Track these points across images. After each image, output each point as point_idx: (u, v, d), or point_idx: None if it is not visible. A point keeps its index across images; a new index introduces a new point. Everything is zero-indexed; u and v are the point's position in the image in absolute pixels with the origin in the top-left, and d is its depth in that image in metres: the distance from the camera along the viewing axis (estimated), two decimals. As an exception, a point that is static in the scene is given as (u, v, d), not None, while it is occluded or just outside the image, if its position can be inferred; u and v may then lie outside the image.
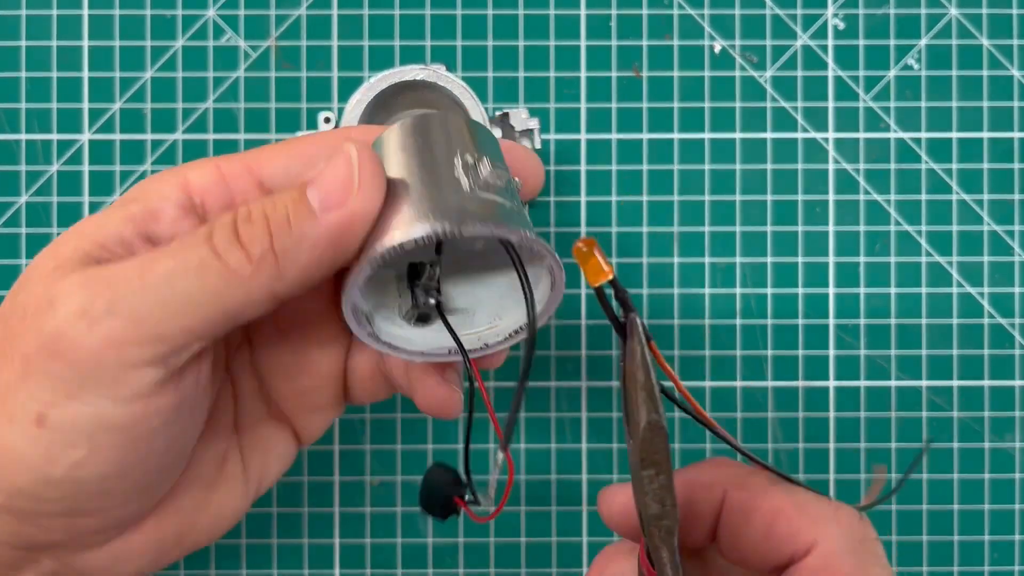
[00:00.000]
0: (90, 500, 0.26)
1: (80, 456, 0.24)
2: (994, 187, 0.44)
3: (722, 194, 0.44)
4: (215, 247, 0.24)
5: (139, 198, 0.27)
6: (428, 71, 0.39)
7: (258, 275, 0.24)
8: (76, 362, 0.23)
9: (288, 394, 0.32)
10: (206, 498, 0.31)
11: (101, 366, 0.23)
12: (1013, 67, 0.44)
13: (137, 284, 0.24)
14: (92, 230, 0.26)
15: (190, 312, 0.24)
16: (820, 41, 0.44)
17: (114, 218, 0.26)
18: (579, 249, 0.24)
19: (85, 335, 0.23)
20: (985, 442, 0.44)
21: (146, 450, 0.25)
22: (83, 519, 0.26)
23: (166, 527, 0.30)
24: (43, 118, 0.44)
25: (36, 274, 0.25)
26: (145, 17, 0.44)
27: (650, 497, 0.25)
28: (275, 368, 0.32)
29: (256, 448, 0.32)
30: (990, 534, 0.44)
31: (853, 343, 0.44)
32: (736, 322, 0.44)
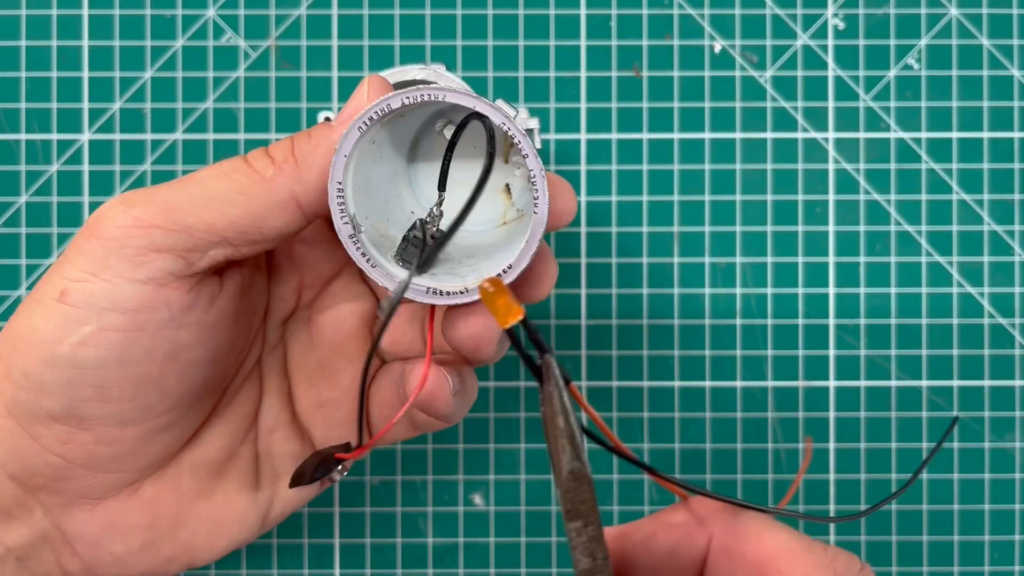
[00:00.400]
0: (88, 396, 0.26)
1: (87, 332, 0.25)
2: (994, 187, 0.44)
3: (722, 194, 0.44)
4: (247, 158, 0.27)
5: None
6: (428, 71, 0.39)
7: (280, 175, 0.27)
8: (107, 239, 0.26)
9: (309, 403, 0.33)
10: (210, 486, 0.31)
11: (126, 244, 0.25)
12: (1013, 67, 0.44)
13: (175, 184, 0.27)
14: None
15: (216, 208, 0.26)
16: (820, 41, 0.44)
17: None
18: (485, 290, 0.24)
19: (120, 215, 0.26)
20: (985, 442, 0.44)
21: (148, 345, 0.26)
22: (77, 434, 0.27)
23: (162, 503, 0.30)
24: (43, 118, 0.44)
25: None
26: (145, 17, 0.44)
27: (579, 551, 0.23)
28: (301, 372, 0.33)
29: (272, 455, 0.33)
30: (990, 534, 0.44)
31: (853, 343, 0.44)
32: (736, 322, 0.44)
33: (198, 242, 0.26)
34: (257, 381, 0.33)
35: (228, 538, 0.32)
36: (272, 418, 0.33)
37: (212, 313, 0.28)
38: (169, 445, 0.30)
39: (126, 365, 0.26)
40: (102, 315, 0.26)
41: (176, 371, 0.28)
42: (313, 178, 0.27)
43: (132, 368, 0.26)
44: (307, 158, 0.27)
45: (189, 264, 0.26)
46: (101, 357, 0.26)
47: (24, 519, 0.28)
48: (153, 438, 0.29)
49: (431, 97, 0.26)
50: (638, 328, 0.44)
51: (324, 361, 0.33)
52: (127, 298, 0.26)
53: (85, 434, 0.27)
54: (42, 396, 0.26)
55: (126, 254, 0.26)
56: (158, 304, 0.26)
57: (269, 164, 0.27)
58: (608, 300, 0.44)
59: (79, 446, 0.27)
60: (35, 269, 0.44)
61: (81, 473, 0.28)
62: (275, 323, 0.33)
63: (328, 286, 0.33)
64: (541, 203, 0.26)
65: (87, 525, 0.29)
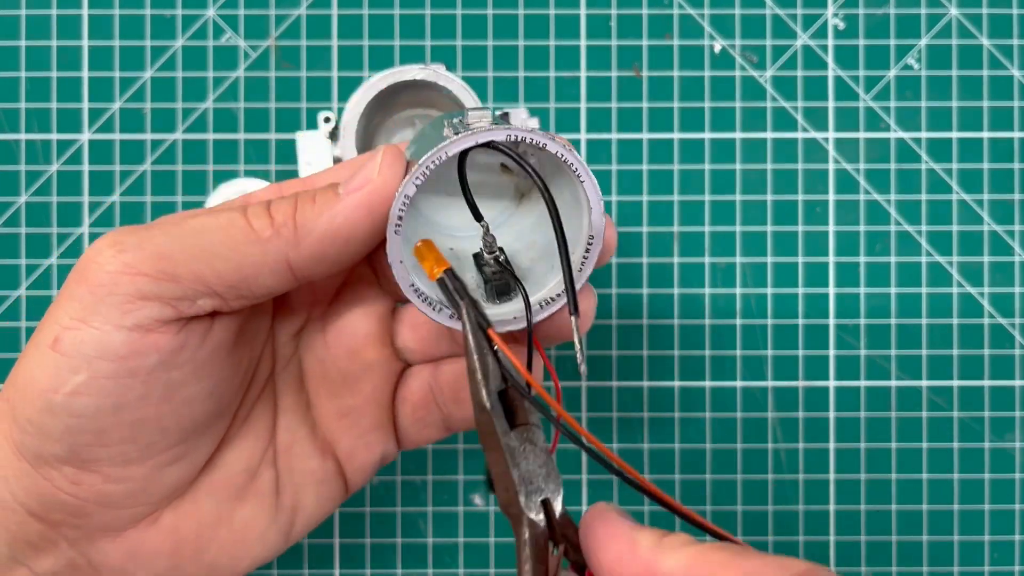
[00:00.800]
0: (88, 441, 0.26)
1: (79, 381, 0.26)
2: (994, 187, 0.44)
3: (722, 194, 0.44)
4: (246, 212, 0.27)
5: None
6: (428, 71, 0.39)
7: (276, 239, 0.26)
8: (96, 285, 0.26)
9: (331, 413, 0.32)
10: (230, 510, 0.31)
11: (115, 291, 0.26)
12: (1013, 67, 0.44)
13: (169, 229, 0.26)
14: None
15: (206, 260, 0.26)
16: (820, 41, 0.44)
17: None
18: (418, 248, 0.27)
19: (110, 260, 0.26)
20: (985, 442, 0.44)
21: (141, 391, 0.26)
22: (85, 476, 0.27)
23: (183, 530, 0.30)
24: (43, 118, 0.44)
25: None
26: (145, 17, 0.44)
27: (497, 485, 0.25)
28: (320, 384, 0.32)
29: (292, 472, 0.32)
30: (990, 534, 0.44)
31: (853, 343, 0.44)
32: (736, 322, 0.44)
33: (187, 292, 0.26)
34: (271, 399, 0.32)
35: (251, 558, 0.32)
36: (289, 435, 0.32)
37: (204, 350, 0.28)
38: (182, 476, 0.29)
39: (121, 410, 0.26)
40: (92, 363, 0.26)
41: (173, 410, 0.28)
42: (310, 244, 0.26)
43: (127, 413, 0.27)
44: (307, 224, 0.26)
45: (177, 311, 0.26)
46: (95, 405, 0.26)
47: (50, 551, 0.28)
48: (162, 472, 0.29)
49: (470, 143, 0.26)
50: (638, 328, 0.44)
51: (343, 369, 0.32)
52: (116, 345, 0.26)
53: (92, 475, 0.27)
54: (45, 442, 0.27)
55: (114, 301, 0.26)
56: (147, 349, 0.26)
57: (268, 224, 0.26)
58: (608, 300, 0.44)
59: (88, 487, 0.27)
60: (35, 269, 0.44)
61: (97, 509, 0.28)
62: (286, 337, 0.32)
63: (339, 294, 0.33)
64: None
65: (111, 555, 0.29)
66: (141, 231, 0.27)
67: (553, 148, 0.26)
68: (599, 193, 0.27)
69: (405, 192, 0.26)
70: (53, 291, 0.44)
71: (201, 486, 0.30)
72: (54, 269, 0.44)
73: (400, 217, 0.26)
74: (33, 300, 0.44)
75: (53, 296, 0.44)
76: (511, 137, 0.26)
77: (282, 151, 0.44)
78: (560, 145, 0.26)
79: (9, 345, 0.44)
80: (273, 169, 0.44)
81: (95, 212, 0.44)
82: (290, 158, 0.44)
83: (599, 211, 0.27)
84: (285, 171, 0.44)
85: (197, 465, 0.30)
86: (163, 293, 0.26)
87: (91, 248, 0.27)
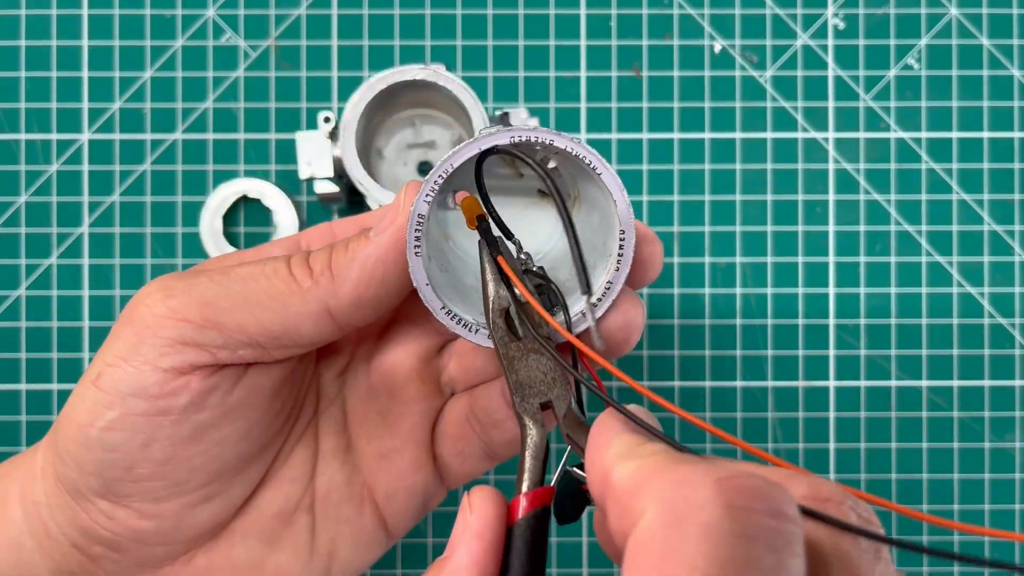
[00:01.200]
0: (119, 476, 0.27)
1: (112, 417, 0.27)
2: (994, 187, 0.44)
3: (722, 194, 0.44)
4: (289, 263, 0.28)
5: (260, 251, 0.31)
6: (428, 71, 0.39)
7: (315, 288, 0.27)
8: (141, 327, 0.27)
9: (371, 455, 0.32)
10: (263, 554, 0.31)
11: (158, 334, 0.26)
12: (1013, 67, 0.44)
13: (217, 277, 0.27)
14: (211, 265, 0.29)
15: (249, 310, 0.27)
16: (820, 41, 0.44)
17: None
18: (464, 201, 0.28)
19: (158, 304, 0.27)
20: (985, 442, 0.44)
21: (171, 429, 0.27)
22: (119, 510, 0.28)
23: (216, 572, 0.30)
24: (43, 118, 0.44)
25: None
26: (145, 17, 0.44)
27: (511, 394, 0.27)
28: (362, 425, 0.32)
29: (329, 518, 0.32)
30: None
31: (853, 343, 0.44)
32: (736, 322, 0.44)
33: (228, 341, 0.27)
34: (312, 441, 0.32)
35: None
36: (327, 480, 0.32)
37: (236, 395, 0.28)
38: (214, 516, 0.30)
39: (150, 447, 0.27)
40: (126, 400, 0.27)
41: (204, 450, 0.28)
42: (348, 291, 0.27)
43: (156, 450, 0.27)
44: (342, 272, 0.27)
45: (215, 358, 0.27)
46: (126, 440, 0.27)
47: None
48: (193, 511, 0.29)
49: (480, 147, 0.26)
50: (638, 328, 0.44)
51: (384, 410, 0.32)
52: (149, 384, 0.27)
53: (125, 510, 0.28)
54: (81, 475, 0.28)
55: (156, 343, 0.26)
56: (178, 390, 0.27)
57: (307, 275, 0.27)
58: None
59: (121, 522, 0.28)
60: (35, 269, 0.44)
61: (131, 545, 0.29)
62: (331, 377, 0.32)
63: (386, 332, 0.32)
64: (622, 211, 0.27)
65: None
66: (190, 277, 0.28)
67: (562, 143, 0.26)
68: (619, 182, 0.27)
69: (417, 211, 0.26)
70: (53, 291, 0.44)
71: (236, 528, 0.30)
72: (54, 269, 0.44)
73: (417, 238, 0.26)
74: (33, 300, 0.44)
75: (53, 296, 0.44)
76: (515, 139, 0.26)
77: (282, 151, 0.44)
78: (568, 139, 0.26)
79: (9, 345, 0.44)
80: (273, 169, 0.44)
81: (95, 212, 0.44)
82: (290, 158, 0.44)
83: (624, 202, 0.27)
84: (285, 171, 0.44)
85: (230, 506, 0.30)
86: (205, 341, 0.27)
87: (142, 290, 0.28)
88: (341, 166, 0.40)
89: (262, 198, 0.43)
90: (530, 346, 0.26)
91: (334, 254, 0.27)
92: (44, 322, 0.44)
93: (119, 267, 0.44)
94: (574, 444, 0.25)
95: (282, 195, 0.43)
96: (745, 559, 0.16)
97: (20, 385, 0.44)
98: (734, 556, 0.16)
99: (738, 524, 0.17)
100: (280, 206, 0.43)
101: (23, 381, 0.44)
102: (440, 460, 0.32)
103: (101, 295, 0.44)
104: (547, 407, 0.26)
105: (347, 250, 0.27)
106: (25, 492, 0.29)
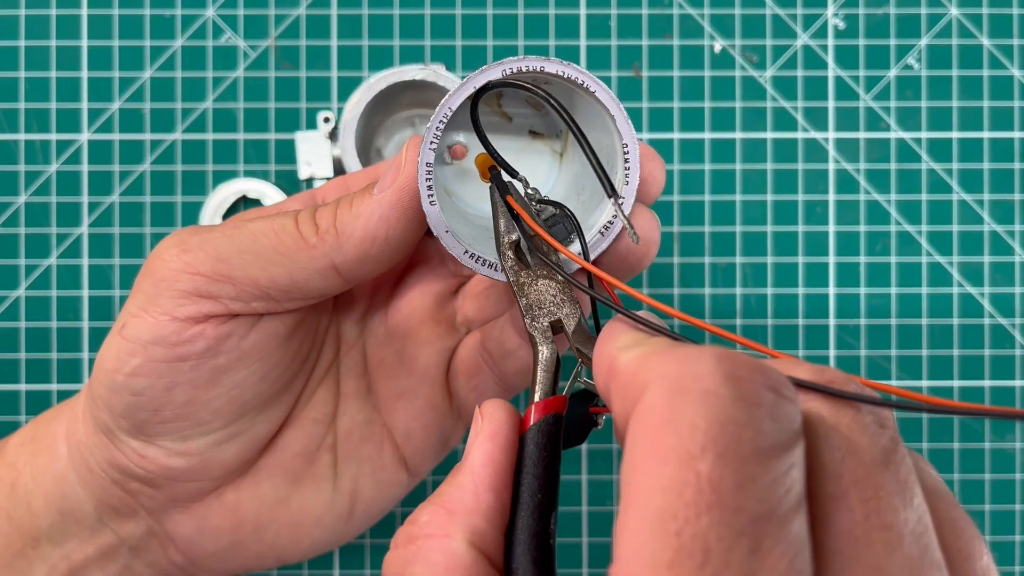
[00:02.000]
0: (146, 417, 0.29)
1: (136, 363, 0.28)
2: (994, 187, 0.44)
3: (722, 194, 0.44)
4: (296, 220, 0.28)
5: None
6: (428, 71, 0.39)
7: (321, 244, 0.28)
8: (159, 280, 0.28)
9: (389, 395, 0.34)
10: (288, 492, 0.32)
11: (174, 286, 0.28)
12: (1013, 67, 0.44)
13: (230, 232, 0.28)
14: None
15: (260, 265, 0.28)
16: (820, 41, 0.44)
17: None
18: (477, 159, 0.29)
19: (174, 258, 0.28)
20: (985, 442, 0.44)
21: (191, 374, 0.29)
22: (148, 448, 0.30)
23: (244, 509, 0.32)
24: (42, 118, 0.44)
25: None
26: (144, 17, 0.44)
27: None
28: (380, 367, 0.34)
29: (350, 457, 0.33)
30: (990, 534, 0.44)
31: (853, 343, 0.44)
32: (736, 322, 0.44)
33: (240, 293, 0.28)
34: (333, 385, 0.34)
35: (310, 540, 0.33)
36: (348, 420, 0.33)
37: (250, 340, 0.29)
38: (239, 454, 0.31)
39: (173, 390, 0.29)
40: (148, 348, 0.28)
41: (224, 392, 0.30)
42: (352, 248, 0.28)
43: (179, 393, 0.29)
44: (347, 228, 0.28)
45: (228, 309, 0.28)
46: (150, 384, 0.29)
47: (131, 516, 0.31)
48: (219, 449, 0.31)
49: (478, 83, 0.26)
50: (638, 328, 0.44)
51: (400, 351, 0.33)
52: (167, 333, 0.28)
53: (155, 448, 0.30)
54: (113, 417, 0.29)
55: (172, 295, 0.28)
56: (195, 337, 0.28)
57: (313, 232, 0.28)
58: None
59: (152, 460, 0.30)
60: (34, 269, 0.44)
61: (165, 481, 0.30)
62: (351, 323, 0.34)
63: (403, 277, 0.34)
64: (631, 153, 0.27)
65: (182, 526, 0.32)
66: (204, 232, 0.29)
67: (552, 68, 0.26)
68: (615, 98, 0.27)
69: (425, 160, 0.26)
70: (53, 291, 0.44)
71: (262, 467, 0.32)
72: (54, 269, 0.44)
73: (430, 187, 0.26)
74: (33, 300, 0.44)
75: (52, 296, 0.44)
76: (507, 70, 0.26)
77: (281, 151, 0.44)
78: (559, 63, 0.26)
79: (9, 345, 0.44)
80: (273, 169, 0.44)
81: (94, 212, 0.44)
82: (290, 158, 0.44)
83: (622, 116, 0.27)
84: (285, 171, 0.44)
85: (254, 445, 0.32)
86: (219, 293, 0.28)
87: (159, 245, 0.29)
88: (341, 166, 0.40)
89: (262, 198, 0.43)
90: (539, 272, 0.27)
91: (339, 211, 0.28)
92: (44, 322, 0.44)
93: (119, 267, 0.44)
94: (584, 357, 0.26)
95: (282, 195, 0.43)
96: (746, 421, 0.16)
97: (20, 385, 0.44)
98: (736, 418, 0.16)
99: (739, 390, 0.17)
100: (280, 206, 0.43)
101: (23, 381, 0.44)
102: (456, 397, 0.34)
103: (101, 295, 0.44)
104: (557, 328, 0.27)
105: (351, 206, 0.28)
106: (70, 432, 0.31)
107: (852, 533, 0.17)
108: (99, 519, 0.31)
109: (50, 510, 0.31)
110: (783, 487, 0.16)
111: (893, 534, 0.17)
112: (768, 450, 0.16)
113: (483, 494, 0.22)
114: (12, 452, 0.32)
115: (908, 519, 0.17)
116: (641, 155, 0.28)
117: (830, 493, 0.17)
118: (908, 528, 0.17)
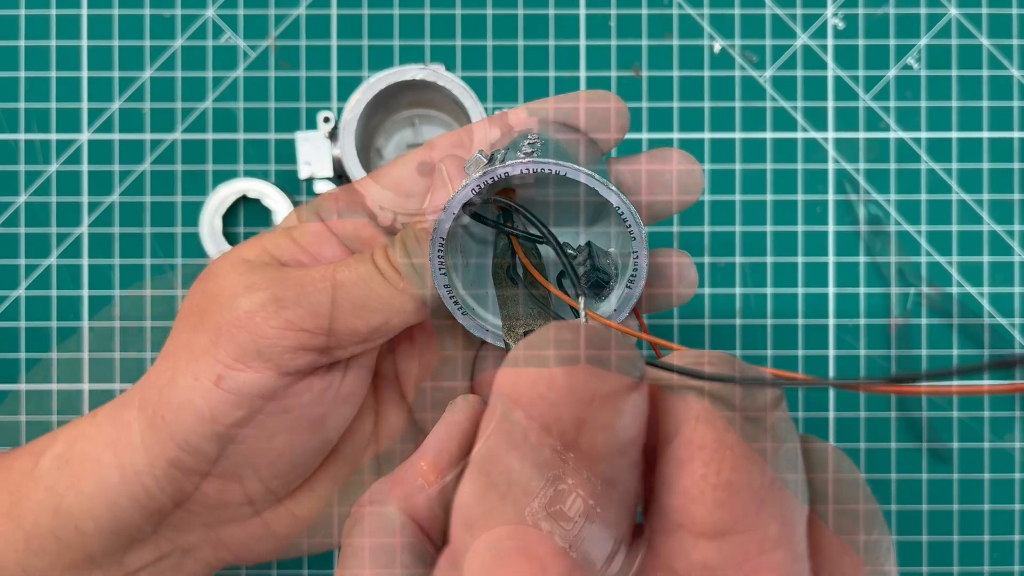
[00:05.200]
0: (240, 463, 0.30)
1: (240, 415, 0.29)
2: (994, 187, 0.44)
3: (722, 194, 0.44)
4: (377, 263, 0.30)
5: (294, 223, 0.33)
6: (427, 71, 0.39)
7: (409, 286, 0.30)
8: (260, 336, 0.29)
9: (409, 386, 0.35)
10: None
11: (279, 344, 0.29)
12: (1013, 67, 0.44)
13: (320, 286, 0.29)
14: (268, 242, 0.32)
15: (358, 315, 0.29)
16: (820, 41, 0.44)
17: (280, 236, 0.32)
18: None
19: (273, 316, 0.29)
20: (985, 442, 0.44)
21: (291, 425, 0.30)
22: (231, 485, 0.31)
23: (300, 513, 0.33)
24: (42, 118, 0.44)
25: (226, 268, 0.31)
26: (144, 17, 0.44)
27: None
28: (405, 360, 0.35)
29: (392, 460, 0.35)
30: (990, 534, 0.44)
31: (853, 343, 0.44)
32: (736, 322, 0.44)
33: (342, 343, 0.29)
34: (373, 394, 0.35)
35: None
36: (390, 427, 0.35)
37: (346, 384, 0.31)
38: (303, 472, 0.33)
39: (273, 439, 0.30)
40: (254, 402, 0.29)
41: (319, 438, 0.31)
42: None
43: (278, 441, 0.30)
44: (426, 266, 0.29)
45: (332, 358, 0.30)
46: (253, 435, 0.30)
47: (184, 529, 0.33)
48: (291, 477, 0.32)
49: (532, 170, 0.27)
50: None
51: (424, 348, 0.35)
52: (275, 387, 0.29)
53: (237, 487, 0.31)
54: (203, 462, 0.30)
55: (277, 352, 0.29)
56: (301, 390, 0.30)
57: (397, 276, 0.30)
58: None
59: (232, 493, 0.31)
60: (34, 269, 0.44)
61: (237, 508, 0.32)
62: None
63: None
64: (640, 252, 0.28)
65: (236, 536, 0.33)
66: (291, 283, 0.30)
67: (608, 196, 0.27)
68: (624, 199, 0.27)
69: (440, 235, 0.28)
70: (53, 291, 0.44)
71: (317, 478, 0.34)
72: (53, 269, 0.44)
73: (441, 260, 0.28)
74: (33, 300, 0.44)
75: (52, 296, 0.44)
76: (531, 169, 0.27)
77: (281, 151, 0.44)
78: (614, 193, 0.27)
79: (9, 345, 0.44)
80: (272, 169, 0.44)
81: (94, 212, 0.44)
82: (289, 158, 0.44)
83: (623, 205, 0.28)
84: (285, 171, 0.44)
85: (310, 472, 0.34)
86: (322, 345, 0.29)
87: (244, 301, 0.29)
88: (340, 166, 0.40)
89: (262, 198, 0.43)
90: (522, 292, 0.29)
91: (411, 254, 0.30)
92: (44, 322, 0.44)
93: (119, 267, 0.44)
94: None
95: (282, 195, 0.43)
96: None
97: (20, 385, 0.44)
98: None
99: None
100: (280, 206, 0.43)
101: (23, 381, 0.44)
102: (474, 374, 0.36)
103: (101, 295, 0.44)
104: (528, 331, 0.29)
105: (419, 246, 0.30)
106: (124, 462, 0.31)
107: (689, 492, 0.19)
108: (157, 533, 0.32)
109: (102, 532, 0.31)
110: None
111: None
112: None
113: (426, 471, 0.24)
114: (48, 477, 0.32)
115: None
116: (680, 265, 0.30)
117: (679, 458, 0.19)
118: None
